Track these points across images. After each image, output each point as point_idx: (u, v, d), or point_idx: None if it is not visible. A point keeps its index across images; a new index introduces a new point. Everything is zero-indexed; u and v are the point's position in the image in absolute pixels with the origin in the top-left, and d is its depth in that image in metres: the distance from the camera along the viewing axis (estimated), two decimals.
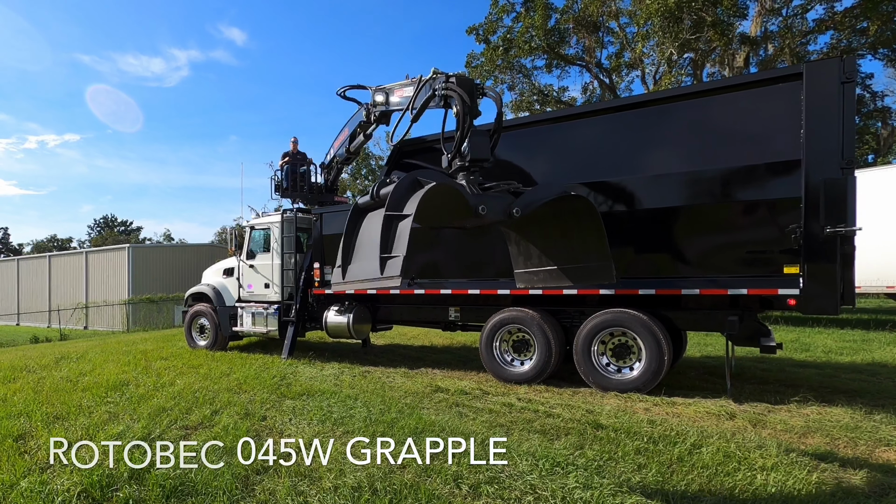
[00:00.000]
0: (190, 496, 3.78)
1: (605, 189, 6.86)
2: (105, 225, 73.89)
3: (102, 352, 11.18)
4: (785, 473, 3.97)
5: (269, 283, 10.29)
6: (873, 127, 27.70)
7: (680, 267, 6.53)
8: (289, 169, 10.97)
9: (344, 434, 5.08)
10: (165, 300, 25.63)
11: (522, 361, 7.57)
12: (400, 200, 4.33)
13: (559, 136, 7.44)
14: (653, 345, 6.48)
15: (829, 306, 5.74)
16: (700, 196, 6.36)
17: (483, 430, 5.10)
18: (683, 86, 19.33)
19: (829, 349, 10.06)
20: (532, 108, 28.43)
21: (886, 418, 5.51)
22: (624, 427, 5.14)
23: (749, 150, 6.06)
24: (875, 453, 4.60)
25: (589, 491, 3.71)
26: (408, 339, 12.77)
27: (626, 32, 25.19)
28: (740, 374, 7.67)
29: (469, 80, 5.83)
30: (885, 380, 7.47)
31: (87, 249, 32.44)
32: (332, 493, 3.77)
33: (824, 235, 5.57)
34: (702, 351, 10.11)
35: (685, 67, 24.18)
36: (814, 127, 5.65)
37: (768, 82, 6.07)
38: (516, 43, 25.00)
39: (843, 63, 5.62)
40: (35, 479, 4.05)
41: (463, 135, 5.37)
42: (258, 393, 6.78)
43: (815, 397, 6.32)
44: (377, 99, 8.59)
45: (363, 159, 38.22)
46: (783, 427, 5.25)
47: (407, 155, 8.78)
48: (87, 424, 5.45)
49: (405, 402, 6.30)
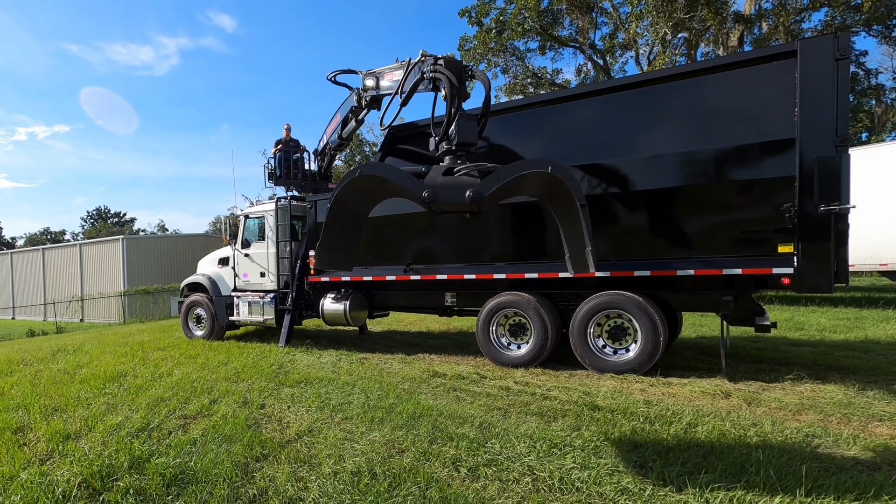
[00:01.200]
0: (190, 484, 3.80)
1: (599, 171, 6.84)
2: (98, 217, 73.40)
3: (99, 344, 11.18)
4: (779, 450, 4.02)
5: (264, 271, 10.27)
6: (867, 105, 27.68)
7: (675, 248, 6.54)
8: (282, 157, 10.89)
9: (343, 420, 5.11)
10: (161, 291, 25.57)
11: (519, 345, 7.61)
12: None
13: (553, 118, 7.40)
14: (648, 326, 6.51)
15: (823, 284, 5.77)
16: (694, 176, 6.34)
17: (481, 414, 5.14)
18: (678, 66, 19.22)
19: (822, 327, 10.15)
20: (526, 90, 28.20)
21: (879, 394, 5.58)
22: (620, 408, 5.19)
23: (743, 129, 6.04)
24: (868, 428, 4.65)
25: (586, 471, 3.75)
26: (405, 325, 12.81)
27: (619, 13, 24.92)
28: (735, 354, 7.74)
29: (457, 63, 5.77)
30: (877, 356, 7.55)
31: (81, 242, 32.25)
32: (331, 478, 3.80)
33: (818, 214, 5.58)
34: (697, 331, 10.19)
35: (679, 47, 24.01)
36: (808, 105, 5.63)
37: (762, 60, 6.02)
38: (509, 25, 24.72)
39: (837, 40, 5.58)
40: (35, 470, 4.07)
41: (450, 118, 5.32)
42: (256, 381, 6.79)
43: (809, 375, 6.38)
44: (368, 83, 8.50)
45: (356, 145, 37.96)
46: (777, 405, 5.30)
47: (400, 140, 8.72)
48: (85, 416, 5.47)
49: (403, 387, 6.33)
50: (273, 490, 3.69)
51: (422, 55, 6.17)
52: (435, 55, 6.00)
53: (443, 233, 8.32)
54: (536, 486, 3.61)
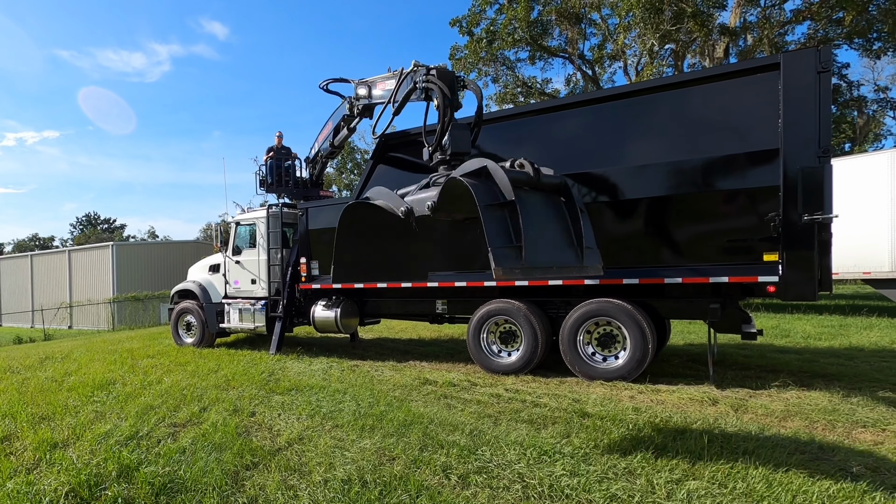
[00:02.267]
0: (179, 493, 3.78)
1: (588, 180, 6.92)
2: (88, 223, 72.72)
3: (88, 351, 11.06)
4: (766, 457, 4.08)
5: (255, 278, 10.25)
6: (849, 116, 28.14)
7: (663, 256, 6.63)
8: (273, 164, 10.90)
9: (333, 428, 5.11)
10: (151, 298, 25.37)
11: (510, 352, 7.64)
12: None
13: (543, 127, 7.48)
14: (637, 333, 6.58)
15: (807, 292, 5.86)
16: (681, 186, 6.43)
17: (471, 421, 5.16)
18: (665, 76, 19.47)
19: (808, 335, 10.28)
20: (516, 100, 28.41)
21: (863, 401, 5.67)
22: (610, 415, 5.23)
23: (729, 140, 6.15)
24: (852, 435, 4.73)
25: (576, 478, 3.78)
26: (396, 332, 12.80)
27: (608, 24, 25.25)
28: (722, 361, 7.82)
29: (450, 73, 5.83)
30: (861, 363, 7.67)
31: (70, 248, 31.92)
32: (322, 486, 3.80)
33: (802, 223, 5.69)
34: (685, 339, 10.28)
35: (666, 58, 24.34)
36: (791, 116, 5.74)
37: (747, 72, 6.15)
38: (500, 35, 24.95)
39: (819, 53, 5.71)
40: (21, 479, 4.03)
41: (443, 128, 5.38)
42: (247, 389, 6.77)
43: (795, 382, 6.47)
44: (360, 92, 8.55)
45: (348, 153, 38.02)
46: (764, 411, 5.37)
47: (392, 148, 8.76)
48: (73, 424, 5.42)
49: (394, 395, 6.34)
50: (263, 499, 3.69)
51: (414, 65, 6.23)
52: (427, 65, 6.06)
53: (434, 240, 8.34)
54: (526, 494, 3.64)
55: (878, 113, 29.17)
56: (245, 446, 4.59)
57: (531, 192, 4.52)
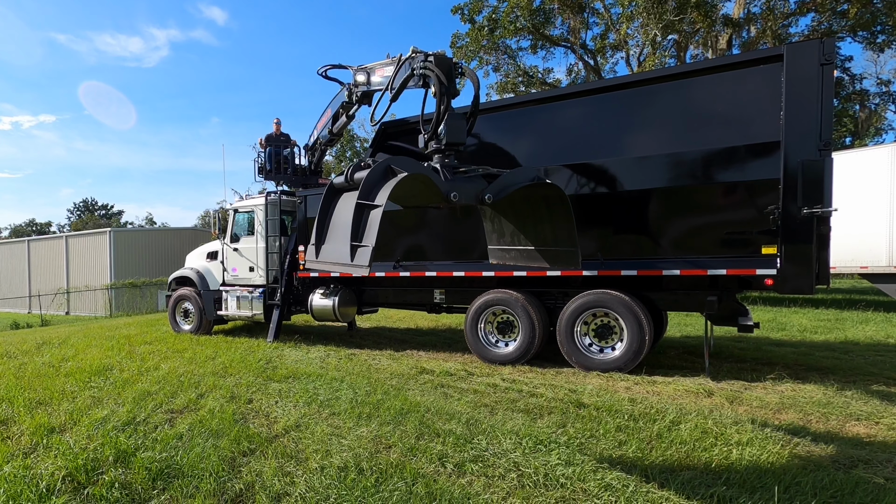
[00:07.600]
0: (176, 478, 3.80)
1: (587, 171, 6.90)
2: (85, 209, 72.49)
3: (85, 337, 11.07)
4: (759, 448, 4.10)
5: (253, 266, 10.23)
6: (851, 109, 28.03)
7: (661, 248, 6.62)
8: (272, 151, 10.85)
9: (330, 416, 5.13)
10: (148, 284, 25.35)
11: (507, 342, 7.66)
12: (372, 189, 4.40)
13: (543, 117, 7.44)
14: (634, 325, 6.59)
15: (804, 286, 5.87)
16: (681, 178, 6.41)
17: (468, 410, 5.18)
18: (667, 67, 19.35)
19: (804, 328, 10.33)
20: (517, 89, 28.25)
21: (857, 394, 5.70)
22: (605, 405, 5.25)
23: (730, 132, 6.12)
24: (846, 427, 4.76)
25: (571, 468, 3.80)
26: (393, 321, 12.82)
27: (610, 13, 25.02)
28: (719, 353, 7.85)
29: (447, 60, 5.78)
30: (856, 357, 7.70)
31: (68, 234, 31.81)
32: (318, 473, 3.82)
33: (801, 216, 5.68)
34: (682, 331, 10.31)
35: (669, 49, 24.18)
36: (793, 108, 5.71)
37: (749, 64, 6.10)
38: (501, 23, 24.74)
39: (822, 45, 5.67)
40: (18, 463, 4.05)
41: (439, 116, 5.36)
42: (244, 376, 6.78)
43: (790, 375, 6.50)
44: (359, 79, 8.48)
45: (347, 141, 37.79)
46: (759, 404, 5.40)
47: (391, 136, 8.72)
48: (70, 409, 5.44)
49: (391, 383, 6.35)
50: (260, 485, 3.70)
51: (412, 51, 6.17)
52: (425, 52, 6.01)
53: (432, 230, 8.34)
54: (522, 482, 3.66)
55: (880, 107, 29.04)
56: (242, 433, 4.60)
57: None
